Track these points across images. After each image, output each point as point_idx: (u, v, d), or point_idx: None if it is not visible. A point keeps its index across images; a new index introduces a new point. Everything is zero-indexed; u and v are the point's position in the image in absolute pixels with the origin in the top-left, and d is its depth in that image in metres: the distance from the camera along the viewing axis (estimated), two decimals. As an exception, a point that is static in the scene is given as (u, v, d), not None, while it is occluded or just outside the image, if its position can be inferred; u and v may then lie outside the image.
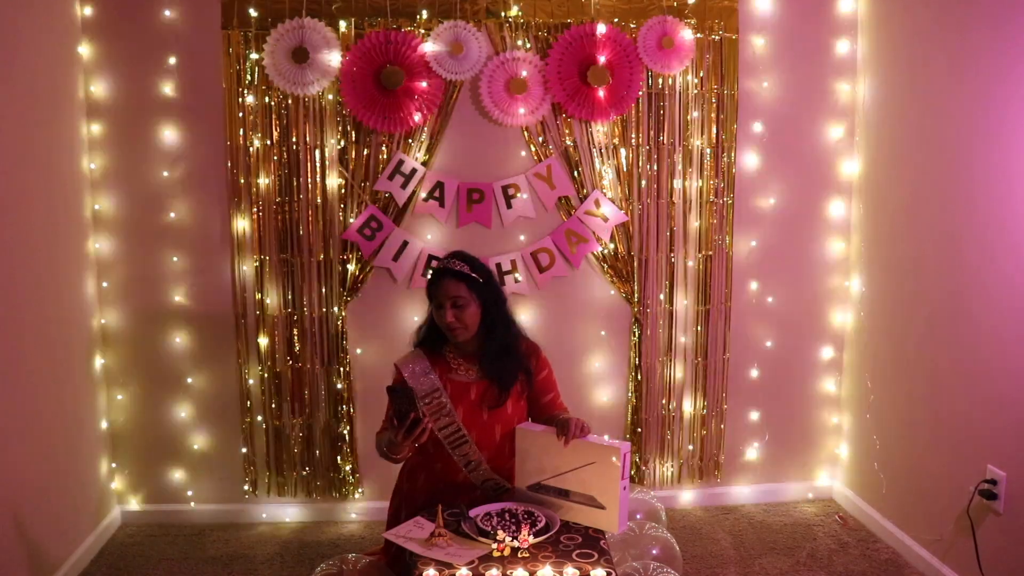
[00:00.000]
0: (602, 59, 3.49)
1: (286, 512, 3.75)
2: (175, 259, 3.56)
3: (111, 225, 3.53)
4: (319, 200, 3.53)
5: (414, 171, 3.52)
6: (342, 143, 3.51)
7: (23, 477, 2.91)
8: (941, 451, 3.18)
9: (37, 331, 3.04)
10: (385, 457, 2.58)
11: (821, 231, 3.80)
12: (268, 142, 3.49)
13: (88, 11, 3.40)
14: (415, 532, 2.38)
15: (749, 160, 3.71)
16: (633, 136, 3.61)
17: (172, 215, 3.53)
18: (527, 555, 2.24)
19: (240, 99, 3.47)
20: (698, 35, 3.57)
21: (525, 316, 3.61)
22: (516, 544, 2.25)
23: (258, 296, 3.58)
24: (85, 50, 3.42)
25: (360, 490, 3.73)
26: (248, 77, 3.46)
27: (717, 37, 3.59)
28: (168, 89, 3.46)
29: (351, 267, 3.57)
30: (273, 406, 3.66)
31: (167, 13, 3.41)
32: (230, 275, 3.58)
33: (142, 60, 3.44)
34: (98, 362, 3.56)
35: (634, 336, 3.75)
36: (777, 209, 3.75)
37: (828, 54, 3.69)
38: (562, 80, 3.50)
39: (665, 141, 3.62)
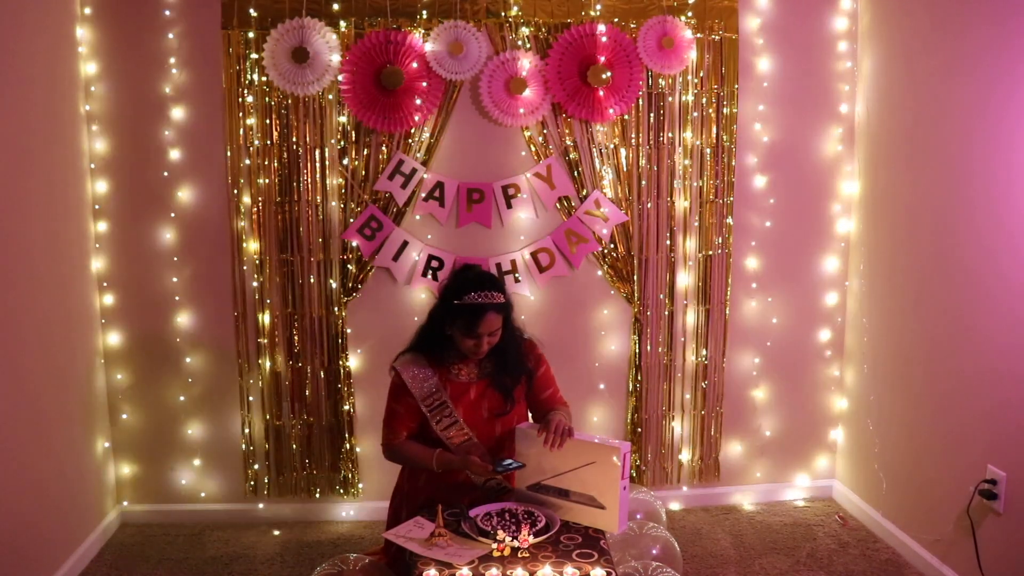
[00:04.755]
0: (602, 59, 3.49)
1: (286, 512, 3.75)
2: (175, 259, 3.56)
3: (111, 225, 3.53)
4: (319, 200, 3.53)
5: (414, 171, 3.53)
6: (342, 143, 3.51)
7: (23, 477, 2.91)
8: (941, 451, 3.18)
9: (38, 331, 3.04)
10: (400, 463, 2.73)
11: (821, 232, 3.80)
12: (268, 142, 3.50)
13: (88, 11, 3.40)
14: (415, 532, 2.38)
15: (749, 160, 3.71)
16: (633, 136, 3.61)
17: (172, 215, 3.53)
18: (527, 555, 2.24)
19: (240, 99, 3.47)
20: (698, 35, 3.57)
21: (525, 316, 3.61)
22: (516, 544, 2.25)
23: (258, 296, 3.59)
24: (85, 50, 3.42)
25: (360, 490, 3.73)
26: (248, 77, 3.46)
27: (717, 37, 3.59)
28: (168, 89, 3.46)
29: (351, 267, 3.57)
30: (273, 406, 3.66)
31: (167, 13, 3.41)
32: (230, 275, 3.58)
33: (142, 60, 3.44)
34: (99, 362, 3.56)
35: (634, 336, 3.75)
36: (777, 209, 3.75)
37: (828, 54, 3.68)
38: (562, 80, 3.50)
39: (665, 141, 3.63)
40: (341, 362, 3.63)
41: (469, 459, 2.55)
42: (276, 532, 3.65)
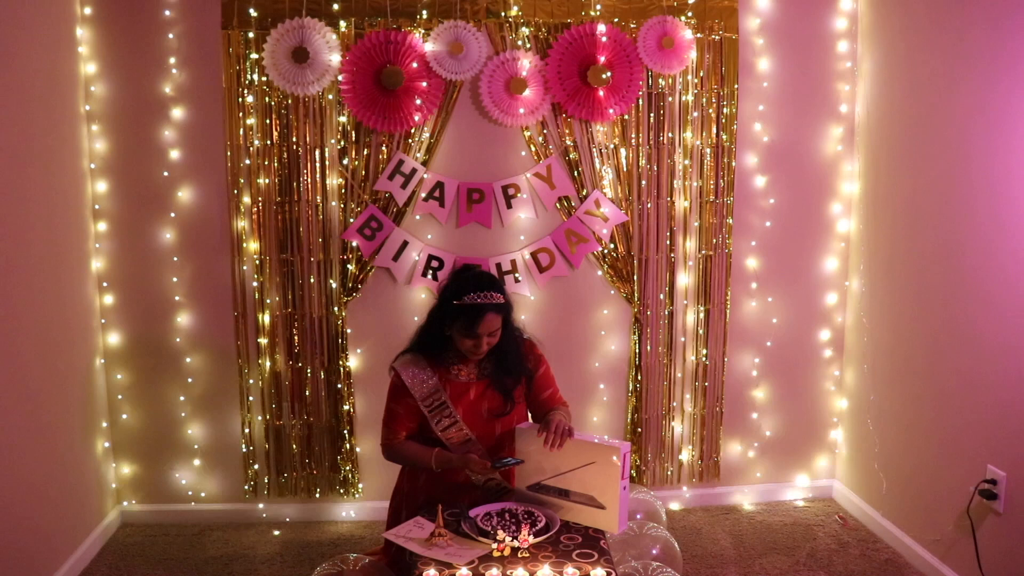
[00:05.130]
0: (602, 59, 3.49)
1: (286, 512, 3.75)
2: (175, 259, 3.56)
3: (111, 225, 3.53)
4: (319, 200, 3.53)
5: (414, 171, 3.53)
6: (342, 143, 3.51)
7: (23, 477, 2.91)
8: (941, 451, 3.18)
9: (38, 335, 3.04)
10: (399, 463, 2.72)
11: (821, 232, 3.80)
12: (268, 142, 3.50)
13: (88, 11, 3.40)
14: (415, 532, 2.38)
15: (749, 160, 3.71)
16: (633, 136, 3.61)
17: (172, 215, 3.53)
18: (527, 555, 2.24)
19: (240, 99, 3.47)
20: (698, 35, 3.57)
21: (525, 316, 3.61)
22: (516, 544, 2.25)
23: (258, 296, 3.59)
24: (85, 50, 3.42)
25: (360, 490, 3.74)
26: (248, 77, 3.46)
27: (717, 37, 3.59)
28: (168, 89, 3.46)
29: (351, 267, 3.57)
30: (273, 406, 3.66)
31: (167, 13, 3.41)
32: (230, 275, 3.58)
33: (142, 60, 3.44)
34: (99, 362, 3.56)
35: (634, 336, 3.75)
36: (777, 209, 3.75)
37: (828, 54, 3.68)
38: (562, 80, 3.50)
39: (665, 141, 3.63)
40: (341, 362, 3.63)
41: (468, 457, 2.55)
42: (276, 532, 3.65)
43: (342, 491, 3.73)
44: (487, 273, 2.85)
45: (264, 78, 3.43)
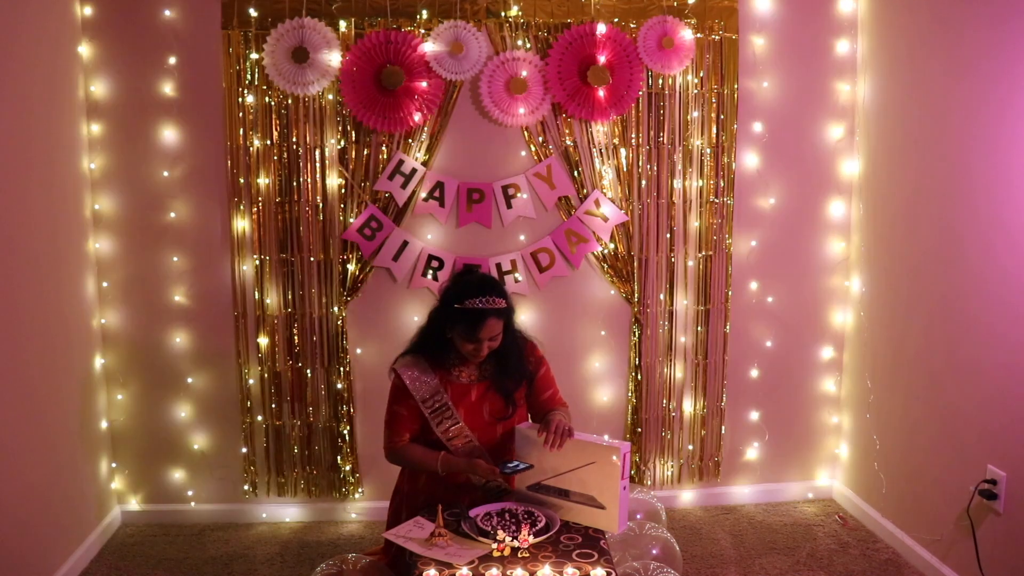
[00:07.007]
0: (602, 59, 3.49)
1: (286, 512, 3.75)
2: (175, 259, 3.56)
3: (111, 225, 3.53)
4: (319, 200, 3.53)
5: (414, 171, 3.53)
6: (342, 143, 3.51)
7: (23, 477, 2.91)
8: (941, 451, 3.18)
9: (37, 331, 3.04)
10: (403, 466, 2.72)
11: (821, 231, 3.80)
12: (268, 142, 3.50)
13: (88, 11, 3.40)
14: (415, 532, 2.38)
15: (749, 160, 3.71)
16: (633, 136, 3.61)
17: (172, 215, 3.53)
18: (527, 555, 2.24)
19: (240, 99, 3.47)
20: (698, 35, 3.57)
21: (525, 316, 3.61)
22: (516, 544, 2.25)
23: (258, 296, 3.59)
24: (85, 50, 3.42)
25: (360, 490, 3.74)
26: (248, 77, 3.46)
27: (717, 37, 3.59)
28: (168, 89, 3.46)
29: (351, 267, 3.57)
30: (273, 406, 3.66)
31: (167, 13, 3.41)
32: (230, 275, 3.58)
33: (142, 60, 3.44)
34: (98, 362, 3.56)
35: (634, 336, 3.75)
36: (777, 209, 3.76)
37: (828, 54, 3.69)
38: (562, 80, 3.50)
39: (665, 141, 3.63)
40: (341, 362, 3.63)
41: (474, 462, 2.53)
42: (276, 532, 3.65)
43: (342, 491, 3.73)
44: (489, 277, 2.84)
45: (264, 78, 3.43)
